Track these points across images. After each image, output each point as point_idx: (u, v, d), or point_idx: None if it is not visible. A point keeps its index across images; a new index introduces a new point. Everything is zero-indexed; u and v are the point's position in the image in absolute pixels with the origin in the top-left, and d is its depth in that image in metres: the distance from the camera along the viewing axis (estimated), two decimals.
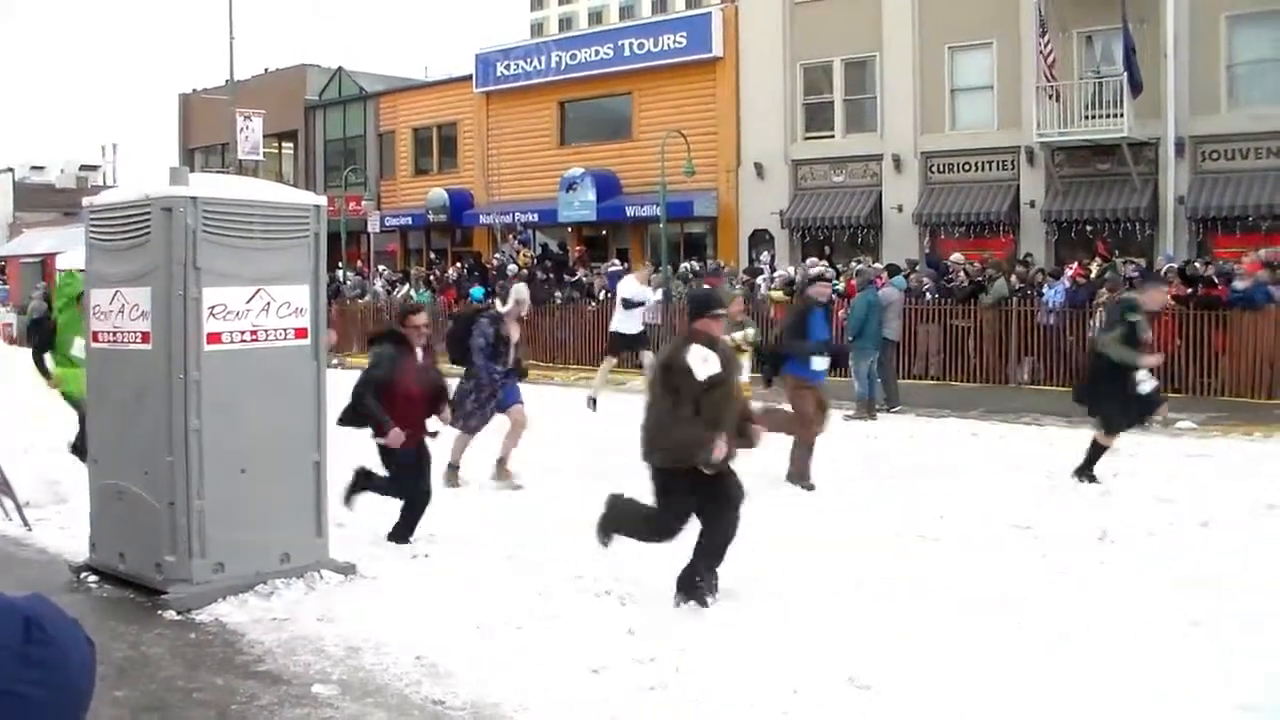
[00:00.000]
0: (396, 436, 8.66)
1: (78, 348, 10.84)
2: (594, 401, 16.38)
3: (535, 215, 35.84)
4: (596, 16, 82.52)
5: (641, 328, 17.46)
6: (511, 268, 30.73)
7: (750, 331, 12.07)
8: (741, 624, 6.92)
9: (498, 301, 12.18)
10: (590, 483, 11.34)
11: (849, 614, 7.12)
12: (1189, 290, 19.83)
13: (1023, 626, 6.84)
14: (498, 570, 8.19)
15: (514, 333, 11.88)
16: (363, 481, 9.20)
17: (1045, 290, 21.59)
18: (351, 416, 8.93)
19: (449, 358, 11.82)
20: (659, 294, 18.72)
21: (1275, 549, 8.69)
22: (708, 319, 7.44)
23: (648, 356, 17.02)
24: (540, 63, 36.35)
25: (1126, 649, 6.41)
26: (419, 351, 9.04)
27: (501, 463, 11.71)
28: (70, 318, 11.58)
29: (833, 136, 30.60)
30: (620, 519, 7.71)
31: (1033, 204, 27.12)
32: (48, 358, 11.90)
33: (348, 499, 9.18)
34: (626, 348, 17.64)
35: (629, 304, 17.24)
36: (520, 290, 12.26)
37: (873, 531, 9.30)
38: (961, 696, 5.75)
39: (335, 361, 13.48)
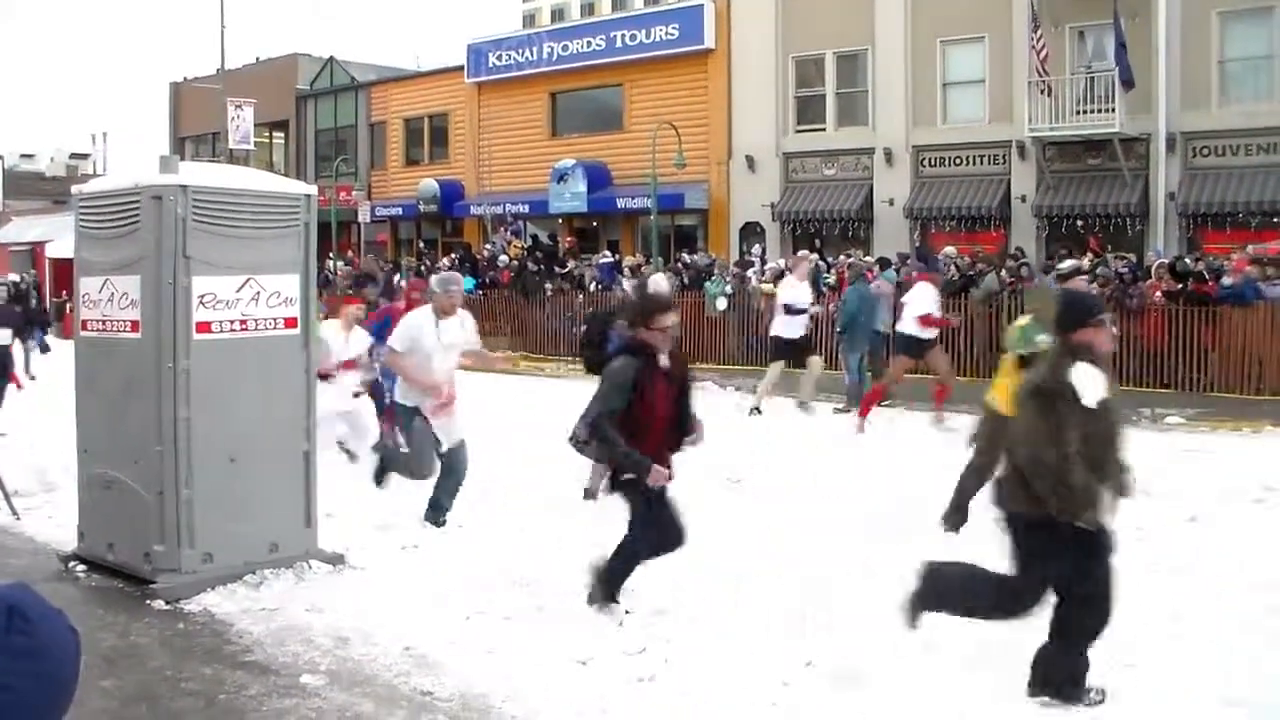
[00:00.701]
0: (660, 475, 6.77)
1: None
2: (758, 410, 16.09)
3: (526, 206, 35.80)
4: (589, 8, 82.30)
5: (804, 331, 16.63)
6: (503, 259, 30.71)
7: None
8: (730, 616, 6.92)
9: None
10: (585, 478, 11.35)
11: (838, 607, 7.12)
12: (1179, 286, 19.87)
13: (1014, 622, 6.83)
14: (487, 561, 8.18)
15: None
16: (609, 572, 7.14)
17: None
18: (596, 446, 7.23)
19: (584, 366, 11.04)
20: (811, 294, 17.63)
21: (1263, 544, 8.71)
22: (1091, 327, 5.71)
23: (816, 362, 16.41)
24: (532, 53, 36.29)
25: (1118, 644, 6.41)
26: (664, 359, 6.90)
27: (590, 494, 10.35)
28: None
29: (824, 130, 30.58)
30: (946, 592, 6.10)
31: (1024, 198, 27.12)
32: None
33: (607, 599, 7.12)
34: (789, 353, 16.51)
35: (791, 310, 16.37)
36: (659, 282, 10.42)
37: (861, 525, 9.30)
38: (952, 691, 5.75)
39: None
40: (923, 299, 15.10)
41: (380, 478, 10.21)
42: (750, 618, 6.91)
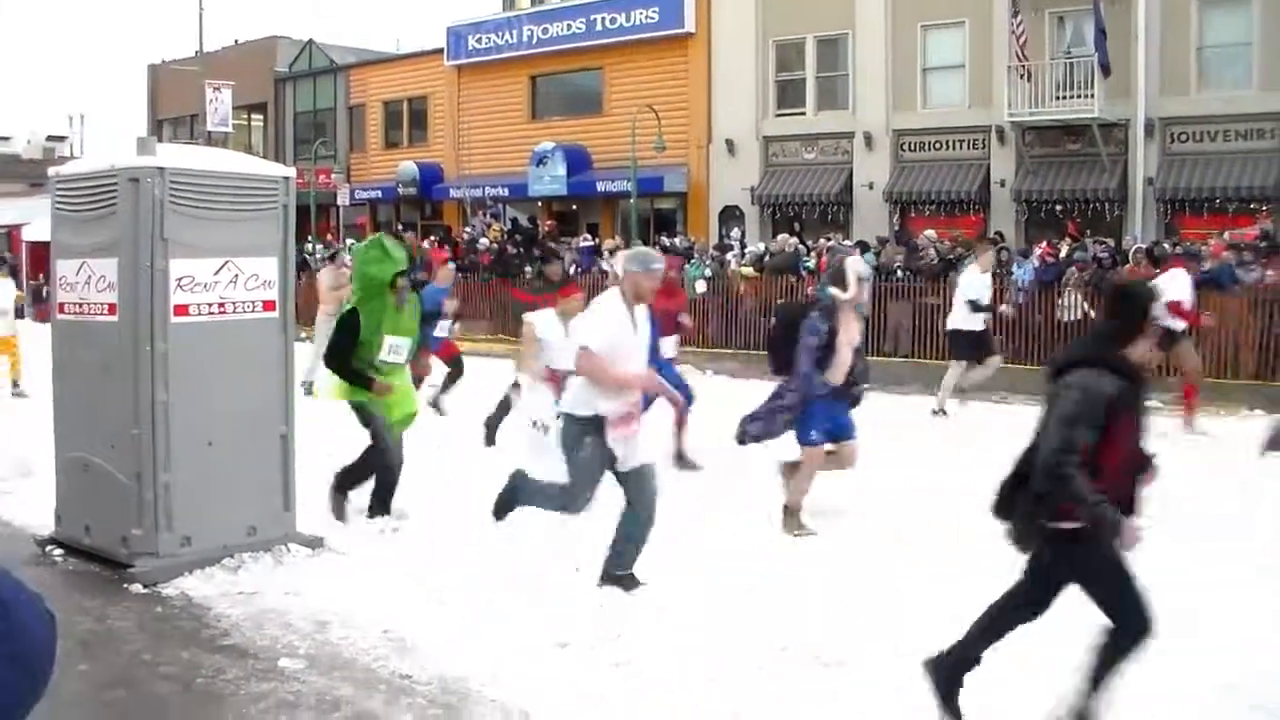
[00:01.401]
0: (1133, 534, 4.94)
1: (389, 350, 8.77)
2: (943, 412, 14.78)
3: (505, 189, 35.74)
4: None
5: (985, 325, 15.12)
6: (483, 242, 30.63)
7: None
8: (710, 601, 6.93)
9: (833, 289, 8.79)
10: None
11: (817, 592, 7.14)
12: (1156, 271, 19.93)
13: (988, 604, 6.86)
14: (466, 546, 8.17)
15: (854, 331, 8.84)
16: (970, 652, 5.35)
17: (1014, 269, 21.66)
18: (1039, 501, 5.04)
19: (771, 367, 9.45)
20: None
21: (1238, 527, 8.76)
22: None
23: (995, 361, 15.13)
24: (512, 36, 36.19)
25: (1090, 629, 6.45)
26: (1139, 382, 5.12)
27: (790, 511, 8.95)
28: (382, 309, 8.71)
29: (804, 114, 30.58)
30: None
31: (1003, 183, 27.19)
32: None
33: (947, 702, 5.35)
34: (972, 350, 15.03)
35: (977, 307, 14.79)
36: (860, 266, 8.96)
37: (839, 511, 9.32)
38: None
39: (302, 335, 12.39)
40: (1175, 286, 13.44)
41: (503, 510, 8.11)
42: (728, 602, 6.92)
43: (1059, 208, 26.38)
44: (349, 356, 8.67)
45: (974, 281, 15.01)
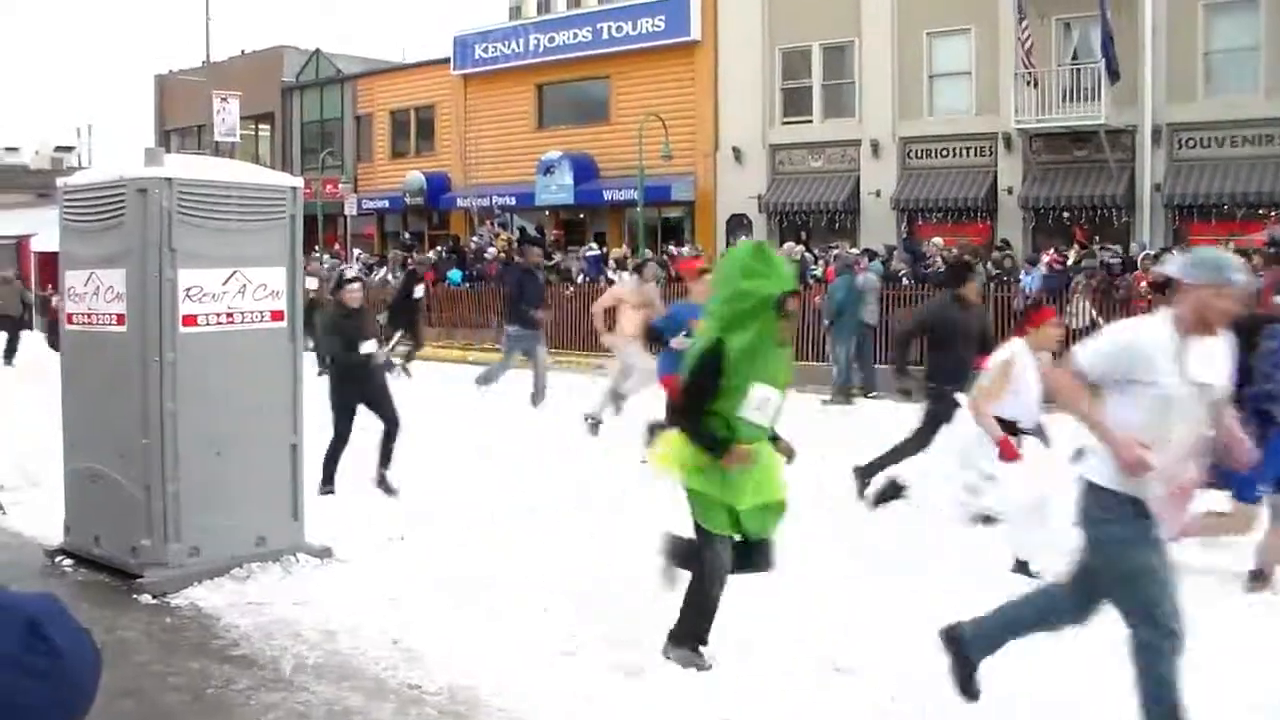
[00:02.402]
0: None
1: (757, 406, 5.95)
2: None
3: (513, 198, 35.79)
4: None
5: None
6: (491, 251, 30.63)
7: None
8: (721, 608, 6.91)
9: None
10: (571, 468, 11.34)
11: (829, 599, 7.12)
12: (1165, 277, 19.91)
13: (991, 608, 6.84)
14: (474, 554, 8.17)
15: None
16: None
17: (1022, 276, 21.65)
18: None
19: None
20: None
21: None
22: None
23: None
24: (518, 45, 36.26)
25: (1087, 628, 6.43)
26: None
27: (1259, 575, 7.51)
28: (757, 342, 5.90)
29: (811, 121, 30.61)
30: None
31: (1010, 190, 27.19)
32: None
33: None
34: None
35: None
36: None
37: (849, 517, 9.31)
38: (942, 679, 5.75)
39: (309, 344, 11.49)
40: None
41: (970, 676, 5.51)
42: (737, 610, 6.90)
43: (1066, 214, 26.38)
44: (705, 406, 5.97)
45: None
